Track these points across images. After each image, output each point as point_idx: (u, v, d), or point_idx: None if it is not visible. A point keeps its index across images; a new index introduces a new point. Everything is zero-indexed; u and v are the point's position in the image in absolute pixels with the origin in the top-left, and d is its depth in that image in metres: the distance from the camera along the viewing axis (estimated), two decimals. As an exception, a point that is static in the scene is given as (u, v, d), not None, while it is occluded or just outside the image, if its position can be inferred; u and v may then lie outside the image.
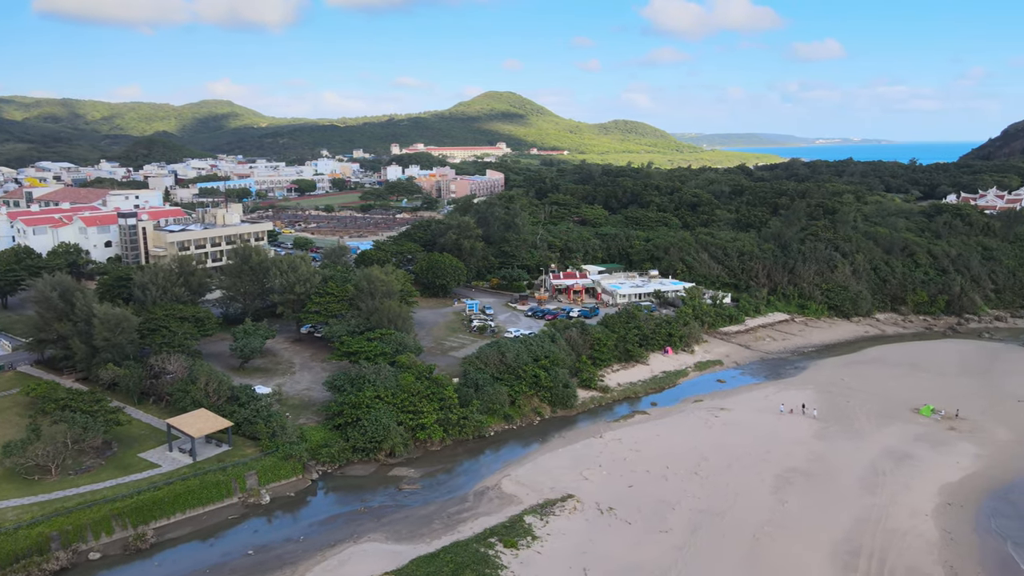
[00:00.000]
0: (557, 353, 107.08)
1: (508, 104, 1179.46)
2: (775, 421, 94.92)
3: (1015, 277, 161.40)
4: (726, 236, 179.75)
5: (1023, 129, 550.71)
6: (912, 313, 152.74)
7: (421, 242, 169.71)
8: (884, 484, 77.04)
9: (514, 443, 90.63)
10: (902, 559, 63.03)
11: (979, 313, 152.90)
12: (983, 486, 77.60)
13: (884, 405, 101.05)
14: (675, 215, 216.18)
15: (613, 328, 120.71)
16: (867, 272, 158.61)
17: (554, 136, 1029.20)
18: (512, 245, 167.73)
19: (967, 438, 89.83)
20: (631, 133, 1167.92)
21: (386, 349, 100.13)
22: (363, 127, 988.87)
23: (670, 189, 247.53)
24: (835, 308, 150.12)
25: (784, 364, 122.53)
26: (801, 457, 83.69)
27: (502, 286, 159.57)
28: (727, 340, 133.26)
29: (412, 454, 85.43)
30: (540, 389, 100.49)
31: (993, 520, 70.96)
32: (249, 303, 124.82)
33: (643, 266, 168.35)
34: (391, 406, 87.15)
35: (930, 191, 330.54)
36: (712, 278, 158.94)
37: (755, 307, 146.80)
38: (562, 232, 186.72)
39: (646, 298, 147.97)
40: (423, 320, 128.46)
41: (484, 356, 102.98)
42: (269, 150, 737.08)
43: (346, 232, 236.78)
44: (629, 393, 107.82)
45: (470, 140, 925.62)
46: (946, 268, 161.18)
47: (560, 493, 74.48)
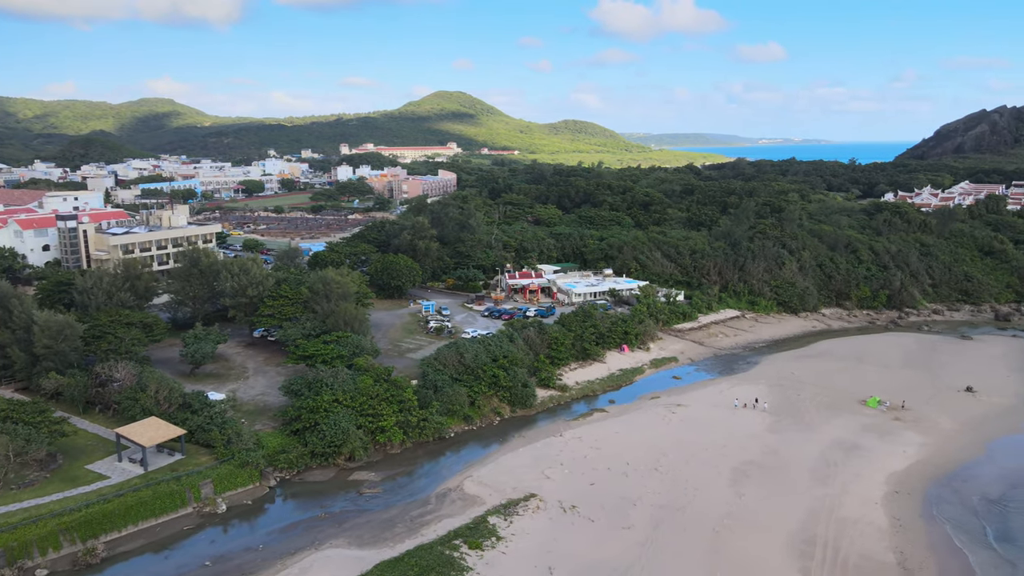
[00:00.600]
0: (515, 353, 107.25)
1: (458, 104, 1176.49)
2: (730, 416, 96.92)
3: (950, 272, 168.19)
4: (678, 235, 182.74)
5: (954, 130, 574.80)
6: (856, 308, 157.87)
7: (375, 243, 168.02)
8: (835, 474, 79.41)
9: (475, 444, 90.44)
10: (855, 547, 65.06)
11: (918, 307, 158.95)
12: (928, 474, 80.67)
13: (832, 397, 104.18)
14: (628, 214, 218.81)
15: (570, 327, 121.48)
16: (813, 269, 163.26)
17: (505, 136, 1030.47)
18: (467, 245, 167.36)
19: (911, 428, 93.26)
20: (581, 133, 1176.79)
21: (343, 352, 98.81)
22: (311, 127, 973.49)
23: (622, 188, 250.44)
24: (784, 304, 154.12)
25: (737, 359, 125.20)
26: (756, 450, 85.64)
27: (458, 286, 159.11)
28: (681, 337, 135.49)
29: (372, 458, 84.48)
30: (499, 389, 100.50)
31: (937, 506, 73.79)
32: (199, 307, 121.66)
33: (598, 265, 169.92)
34: (350, 410, 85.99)
35: (869, 189, 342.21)
36: (665, 276, 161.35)
37: (708, 304, 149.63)
38: (517, 232, 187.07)
39: (601, 297, 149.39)
40: (379, 322, 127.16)
41: (442, 357, 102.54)
42: (214, 150, 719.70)
43: (297, 234, 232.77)
44: (587, 391, 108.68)
45: (420, 140, 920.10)
46: (887, 264, 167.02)
47: (523, 493, 74.60)
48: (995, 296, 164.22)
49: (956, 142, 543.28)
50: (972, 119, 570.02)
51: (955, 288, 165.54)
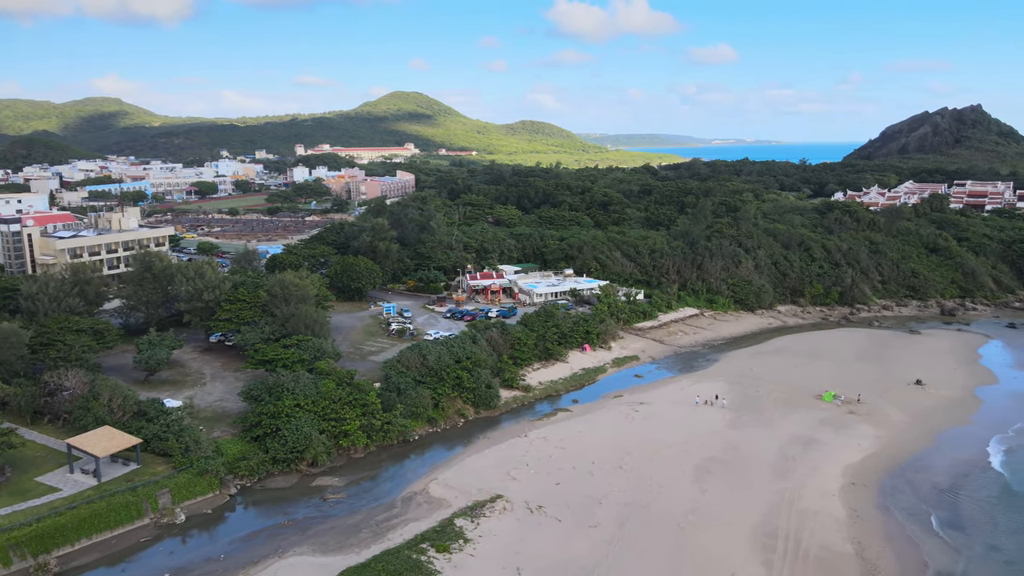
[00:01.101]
0: (478, 354, 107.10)
1: (415, 104, 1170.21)
2: (691, 413, 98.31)
3: (898, 269, 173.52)
4: (637, 234, 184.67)
5: (899, 131, 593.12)
6: (810, 304, 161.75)
7: (334, 245, 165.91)
8: (794, 468, 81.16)
9: (439, 446, 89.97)
10: (815, 538, 66.59)
11: (869, 303, 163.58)
12: (881, 465, 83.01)
13: (789, 393, 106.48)
14: (587, 214, 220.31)
15: (532, 327, 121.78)
16: (768, 267, 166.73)
17: (462, 136, 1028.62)
18: (428, 246, 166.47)
19: (865, 421, 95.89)
20: (538, 133, 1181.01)
21: (304, 356, 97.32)
22: (265, 127, 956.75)
23: (581, 189, 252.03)
24: (740, 302, 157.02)
25: (696, 357, 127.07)
26: (717, 447, 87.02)
27: (419, 288, 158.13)
28: (642, 336, 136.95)
29: (336, 462, 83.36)
30: (463, 391, 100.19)
31: (891, 497, 75.96)
32: (152, 312, 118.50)
33: (558, 265, 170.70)
34: (312, 414, 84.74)
35: (819, 189, 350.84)
36: (625, 276, 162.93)
37: (667, 303, 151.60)
38: (477, 233, 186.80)
39: (562, 297, 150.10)
40: (340, 325, 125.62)
41: (405, 359, 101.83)
42: (163, 151, 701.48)
43: (253, 236, 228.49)
44: (551, 391, 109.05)
45: (377, 141, 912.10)
46: (838, 262, 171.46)
47: (489, 494, 74.47)
48: (941, 292, 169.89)
49: (900, 143, 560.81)
50: (915, 121, 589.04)
51: (903, 284, 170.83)
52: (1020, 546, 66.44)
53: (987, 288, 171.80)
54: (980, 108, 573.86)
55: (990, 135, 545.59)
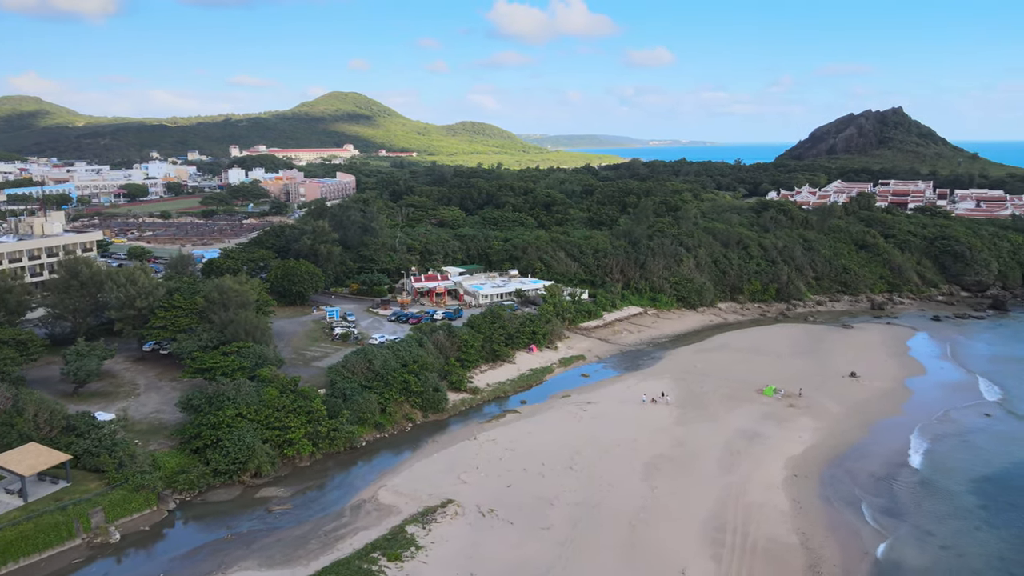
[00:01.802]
0: (425, 357, 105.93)
1: (354, 105, 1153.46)
2: (639, 411, 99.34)
3: (831, 265, 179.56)
4: (580, 234, 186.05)
5: (827, 132, 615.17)
6: (749, 301, 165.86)
7: (274, 248, 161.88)
8: (739, 462, 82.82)
9: (388, 452, 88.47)
10: (762, 530, 68.01)
11: (804, 299, 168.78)
12: (821, 457, 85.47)
13: (733, 388, 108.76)
14: (530, 215, 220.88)
15: (479, 329, 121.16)
16: (709, 265, 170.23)
17: (402, 138, 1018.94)
18: (371, 249, 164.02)
19: (805, 414, 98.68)
20: (479, 134, 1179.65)
21: (245, 363, 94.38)
22: (197, 127, 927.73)
23: (524, 189, 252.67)
24: (683, 300, 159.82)
25: (641, 355, 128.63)
26: (665, 443, 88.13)
27: (363, 291, 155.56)
28: (588, 335, 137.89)
29: (280, 472, 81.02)
30: (410, 395, 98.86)
31: (831, 487, 78.25)
32: (80, 321, 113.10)
33: (503, 266, 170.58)
34: (255, 423, 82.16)
35: (754, 188, 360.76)
36: (570, 275, 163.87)
37: (611, 302, 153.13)
38: (420, 234, 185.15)
39: (508, 297, 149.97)
40: (282, 330, 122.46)
41: (350, 364, 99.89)
42: (88, 152, 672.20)
43: (188, 240, 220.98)
44: (499, 393, 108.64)
45: (315, 142, 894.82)
46: (775, 259, 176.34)
47: (440, 499, 73.55)
48: (870, 287, 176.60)
49: (829, 144, 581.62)
50: (842, 122, 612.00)
51: (835, 280, 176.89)
52: (952, 530, 69.30)
53: (912, 283, 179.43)
54: (901, 110, 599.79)
55: (911, 136, 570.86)
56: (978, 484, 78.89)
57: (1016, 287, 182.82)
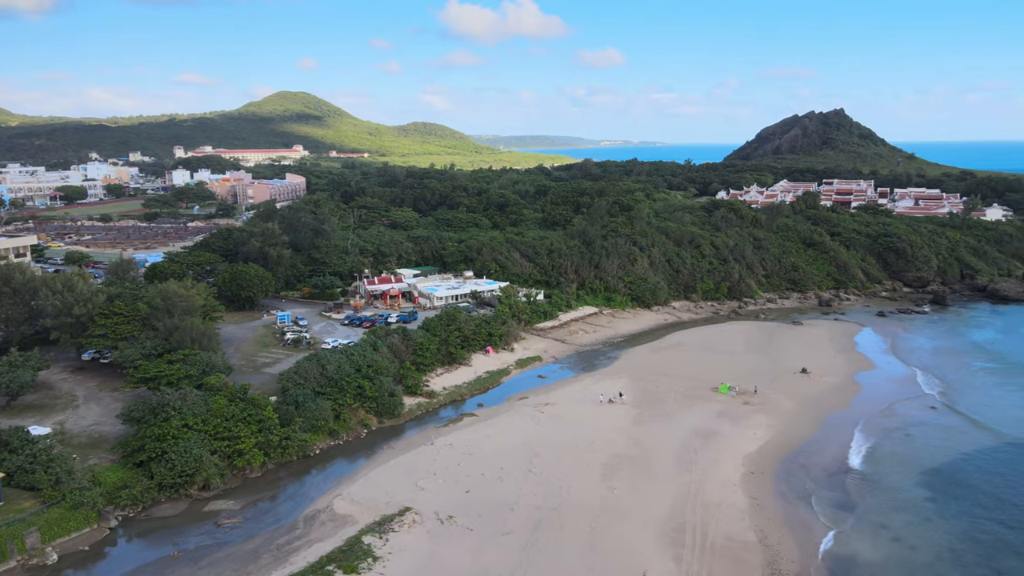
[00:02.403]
0: (380, 361, 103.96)
1: (303, 105, 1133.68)
2: (596, 411, 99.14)
3: (780, 263, 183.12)
4: (535, 235, 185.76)
5: (772, 133, 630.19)
6: (702, 299, 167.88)
7: (221, 252, 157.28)
8: (696, 461, 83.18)
9: (342, 459, 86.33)
10: (720, 529, 68.25)
11: (755, 297, 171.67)
12: (776, 453, 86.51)
13: (688, 387, 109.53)
14: (485, 215, 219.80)
15: (434, 331, 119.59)
16: (662, 264, 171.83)
17: (353, 138, 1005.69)
18: (323, 251, 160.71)
19: (759, 411, 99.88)
20: (431, 135, 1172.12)
21: (191, 371, 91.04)
22: (139, 128, 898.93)
23: (477, 190, 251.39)
24: (637, 299, 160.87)
25: (598, 355, 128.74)
26: (623, 444, 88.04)
27: (315, 295, 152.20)
28: (544, 336, 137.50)
29: (230, 484, 78.20)
30: (365, 400, 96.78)
31: (787, 483, 79.20)
32: (13, 330, 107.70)
33: (458, 267, 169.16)
34: (202, 434, 79.17)
35: (704, 188, 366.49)
36: (525, 276, 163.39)
37: (567, 302, 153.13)
38: (373, 236, 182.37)
39: (463, 299, 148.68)
40: (231, 336, 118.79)
41: (303, 370, 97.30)
42: (23, 152, 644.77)
43: (130, 244, 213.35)
44: (455, 396, 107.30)
45: (264, 142, 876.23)
46: (726, 257, 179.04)
47: (397, 507, 71.90)
48: (818, 284, 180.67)
49: (775, 144, 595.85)
50: (787, 123, 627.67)
51: (785, 278, 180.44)
52: (903, 523, 70.69)
53: (858, 279, 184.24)
54: (843, 112, 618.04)
55: (852, 137, 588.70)
56: (926, 477, 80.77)
57: (954, 282, 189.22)
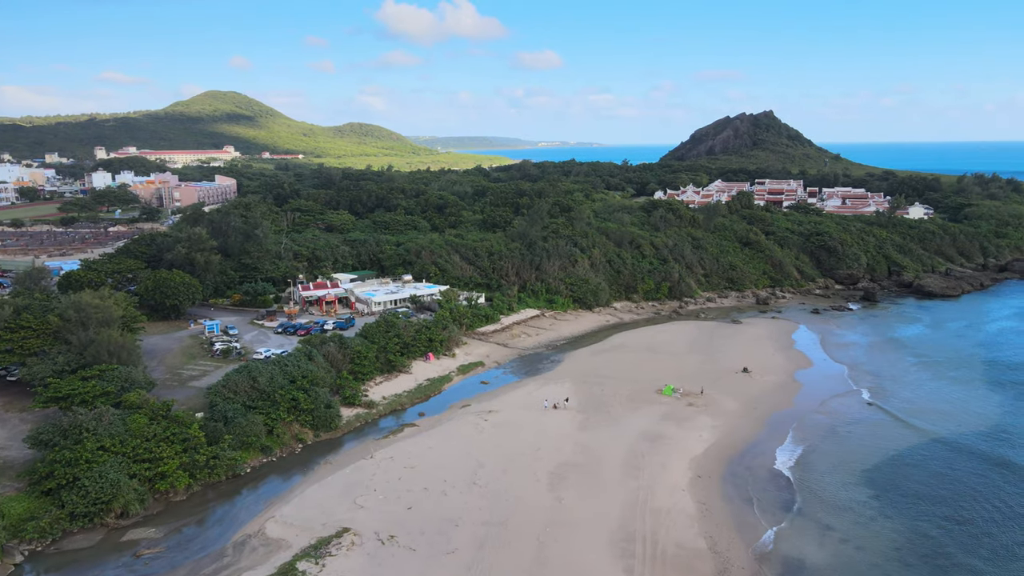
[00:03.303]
0: (315, 371, 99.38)
1: (233, 105, 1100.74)
2: (541, 417, 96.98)
3: (718, 262, 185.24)
4: (475, 237, 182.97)
5: (706, 134, 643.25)
6: (643, 300, 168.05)
7: (144, 258, 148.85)
8: (644, 466, 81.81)
9: (276, 477, 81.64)
10: (670, 537, 66.80)
11: (695, 296, 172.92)
12: (723, 455, 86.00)
13: (632, 389, 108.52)
14: (423, 217, 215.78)
15: (372, 338, 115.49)
16: (603, 265, 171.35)
17: (287, 139, 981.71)
18: (254, 257, 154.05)
19: (704, 412, 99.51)
20: (367, 136, 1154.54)
21: (109, 388, 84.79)
22: (57, 128, 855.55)
23: (415, 192, 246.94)
24: (579, 300, 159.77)
25: (541, 359, 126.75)
26: (569, 451, 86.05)
27: (246, 302, 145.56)
28: (486, 340, 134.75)
29: (151, 510, 72.70)
30: (300, 413, 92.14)
31: (733, 485, 78.59)
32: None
33: (396, 271, 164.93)
34: (120, 457, 73.46)
35: (642, 188, 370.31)
36: (465, 279, 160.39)
37: (508, 305, 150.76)
38: (308, 240, 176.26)
39: (402, 304, 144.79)
40: (154, 348, 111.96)
41: (232, 383, 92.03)
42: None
43: (43, 251, 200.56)
44: (395, 405, 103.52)
45: (192, 143, 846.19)
46: (666, 257, 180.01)
47: (334, 528, 67.96)
48: (755, 282, 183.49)
49: (708, 145, 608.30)
50: (720, 124, 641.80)
51: (723, 277, 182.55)
52: (849, 523, 70.75)
53: (793, 278, 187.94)
54: (772, 114, 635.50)
55: (781, 138, 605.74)
56: (868, 475, 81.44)
57: (883, 279, 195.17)
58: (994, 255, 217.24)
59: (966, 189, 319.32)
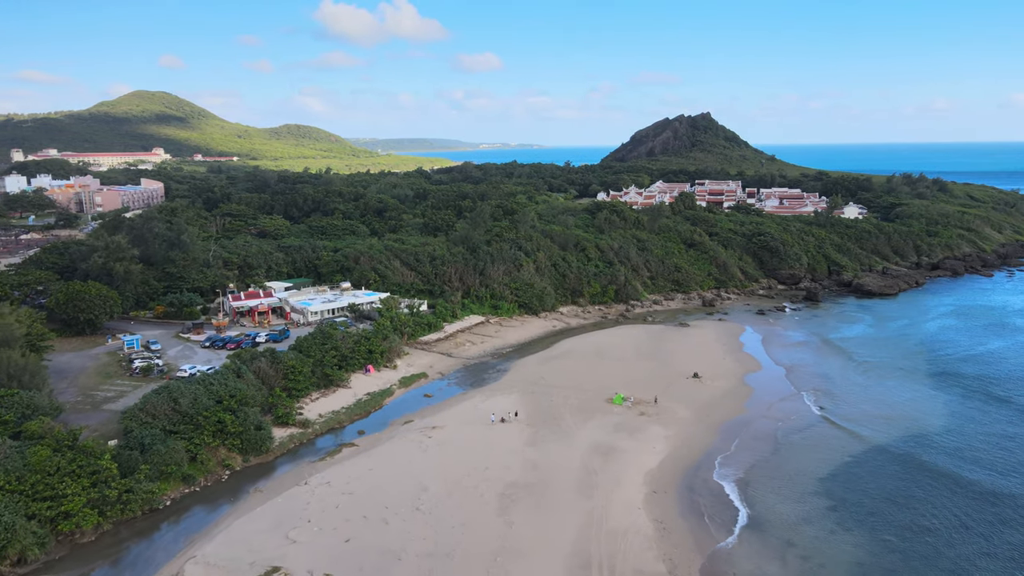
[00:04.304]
0: (245, 390, 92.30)
1: (163, 105, 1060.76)
2: (488, 432, 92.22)
3: (664, 264, 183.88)
4: (416, 241, 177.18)
5: (646, 136, 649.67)
6: (589, 304, 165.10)
7: (56, 269, 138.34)
8: (598, 484, 77.91)
9: (200, 509, 74.64)
10: (628, 562, 62.91)
11: (642, 299, 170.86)
12: (678, 468, 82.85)
13: (582, 398, 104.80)
14: (362, 222, 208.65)
15: (308, 352, 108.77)
16: (549, 269, 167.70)
17: (221, 141, 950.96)
18: (179, 265, 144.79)
19: (655, 421, 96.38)
20: (305, 138, 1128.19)
21: (7, 416, 76.30)
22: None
23: (354, 195, 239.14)
24: (525, 306, 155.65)
25: (487, 368, 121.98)
26: (519, 469, 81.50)
27: (171, 314, 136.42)
28: (429, 350, 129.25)
29: (53, 554, 64.97)
30: (227, 436, 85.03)
31: (691, 501, 75.40)
32: None
33: (334, 278, 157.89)
34: (17, 495, 65.46)
35: (584, 189, 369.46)
36: (407, 286, 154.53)
37: (452, 312, 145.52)
38: (239, 247, 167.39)
39: (341, 313, 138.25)
40: (65, 368, 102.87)
41: (151, 406, 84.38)
42: None
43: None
44: (333, 424, 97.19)
45: (119, 145, 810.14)
46: (612, 260, 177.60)
47: (263, 567, 61.75)
48: (700, 284, 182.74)
49: (648, 146, 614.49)
50: (659, 126, 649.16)
51: (669, 279, 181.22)
52: (809, 538, 68.23)
53: (737, 278, 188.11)
54: (709, 116, 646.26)
55: (719, 139, 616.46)
56: (824, 484, 79.33)
57: (823, 278, 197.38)
58: (927, 253, 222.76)
59: (896, 189, 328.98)
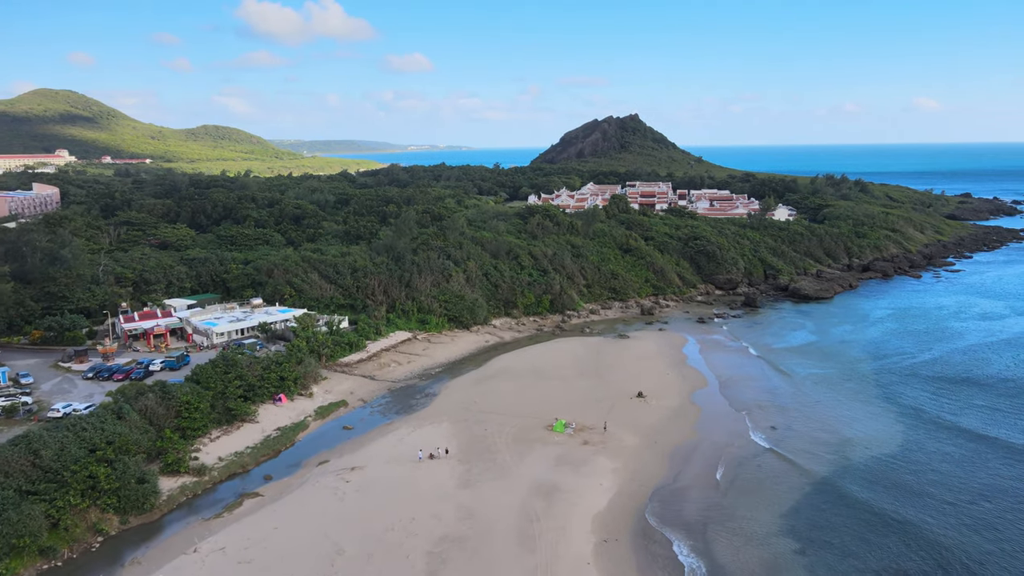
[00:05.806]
0: (127, 434, 78.63)
1: (69, 104, 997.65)
2: (415, 472, 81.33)
3: (600, 271, 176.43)
4: (336, 251, 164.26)
5: (575, 137, 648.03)
6: (524, 315, 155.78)
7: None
8: (541, 533, 68.12)
9: (58, 592, 61.14)
10: (580, 639, 53.36)
11: (578, 309, 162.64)
12: (628, 507, 74.05)
13: (519, 426, 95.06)
14: (277, 230, 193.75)
15: (208, 383, 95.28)
16: (480, 279, 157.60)
17: (133, 142, 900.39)
18: (61, 283, 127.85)
19: (601, 451, 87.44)
20: (224, 139, 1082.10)
21: None
22: None
23: (269, 201, 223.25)
24: (455, 319, 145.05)
25: (414, 393, 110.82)
26: (451, 518, 70.96)
27: (50, 339, 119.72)
28: (349, 373, 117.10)
29: None
30: (101, 494, 71.37)
31: (647, 550, 66.69)
32: None
33: (244, 294, 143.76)
34: None
35: (515, 192, 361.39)
36: (326, 301, 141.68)
37: (375, 329, 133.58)
38: (136, 260, 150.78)
39: (251, 333, 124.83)
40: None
41: (3, 461, 69.97)
42: None
43: None
44: (236, 467, 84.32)
45: (19, 147, 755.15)
46: (546, 268, 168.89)
47: (130, 675, 49.31)
48: (638, 291, 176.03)
49: (578, 148, 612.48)
50: (588, 127, 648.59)
51: (605, 287, 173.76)
52: (782, 590, 60.31)
53: (675, 285, 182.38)
54: (637, 117, 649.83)
55: (647, 141, 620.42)
56: (786, 521, 71.73)
57: (760, 283, 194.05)
58: (857, 255, 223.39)
59: (820, 190, 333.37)
